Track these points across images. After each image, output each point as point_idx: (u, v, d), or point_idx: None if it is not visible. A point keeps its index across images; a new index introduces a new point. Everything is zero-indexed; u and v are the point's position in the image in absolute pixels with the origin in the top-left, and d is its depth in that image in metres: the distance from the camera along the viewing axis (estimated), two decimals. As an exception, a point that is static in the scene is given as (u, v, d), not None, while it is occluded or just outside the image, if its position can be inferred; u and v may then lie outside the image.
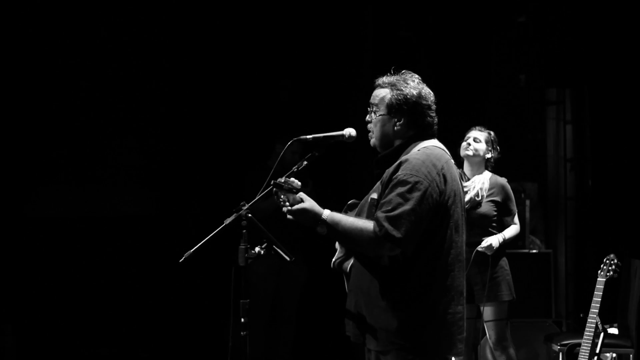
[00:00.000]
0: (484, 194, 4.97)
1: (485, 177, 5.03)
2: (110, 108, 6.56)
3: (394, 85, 3.08)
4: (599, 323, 4.59)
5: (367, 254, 3.01)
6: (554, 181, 7.16)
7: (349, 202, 3.26)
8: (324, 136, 3.20)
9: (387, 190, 2.94)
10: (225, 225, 3.12)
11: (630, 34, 6.36)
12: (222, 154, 6.56)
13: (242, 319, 3.14)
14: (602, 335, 4.60)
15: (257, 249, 3.12)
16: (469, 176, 5.06)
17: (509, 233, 5.00)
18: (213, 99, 6.65)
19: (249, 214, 3.10)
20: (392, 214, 2.86)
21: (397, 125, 3.08)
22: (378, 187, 3.05)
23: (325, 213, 2.99)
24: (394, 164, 2.99)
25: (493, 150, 5.07)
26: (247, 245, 3.11)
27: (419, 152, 3.01)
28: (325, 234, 3.01)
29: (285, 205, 3.01)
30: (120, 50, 6.51)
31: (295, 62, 6.67)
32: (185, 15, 6.55)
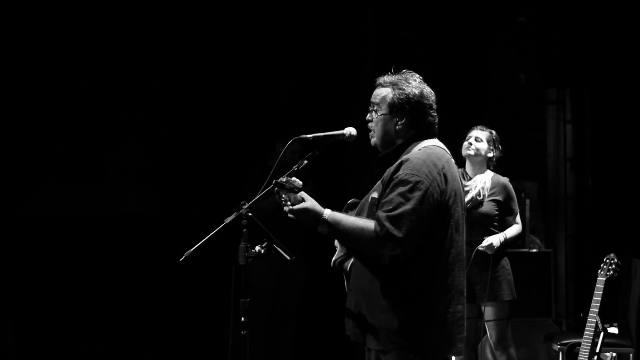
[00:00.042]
0: (485, 193, 4.96)
1: (487, 177, 5.02)
2: (110, 108, 6.57)
3: (395, 85, 3.08)
4: (599, 322, 4.58)
5: (368, 253, 3.00)
6: (554, 181, 7.16)
7: (349, 202, 3.25)
8: (325, 135, 3.20)
9: (388, 190, 2.93)
10: (226, 224, 3.11)
11: (630, 34, 6.36)
12: (222, 153, 6.56)
13: (242, 318, 3.14)
14: (602, 334, 4.60)
15: (258, 248, 3.12)
16: (471, 175, 5.05)
17: (510, 233, 4.99)
18: (213, 98, 6.65)
19: (249, 213, 3.10)
20: (393, 213, 2.86)
21: (399, 125, 3.08)
22: (379, 186, 3.04)
23: (326, 212, 2.99)
24: (395, 164, 2.99)
25: (495, 149, 5.06)
26: (248, 244, 3.11)
27: (420, 152, 3.01)
28: (326, 234, 3.01)
29: (286, 205, 3.01)
30: (121, 50, 6.51)
31: (295, 62, 6.67)
32: (186, 15, 6.54)
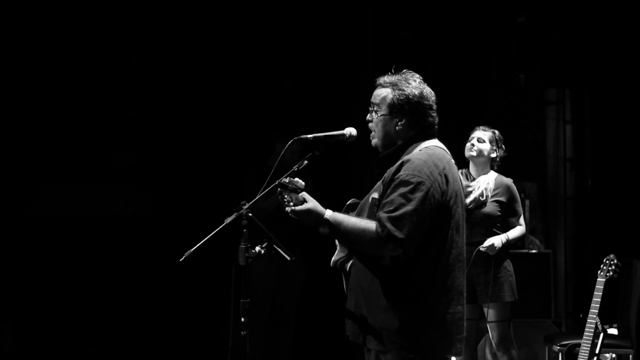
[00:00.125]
0: (488, 194, 4.94)
1: (490, 177, 5.00)
2: (110, 108, 6.56)
3: (395, 85, 3.07)
4: (598, 323, 4.58)
5: (369, 254, 3.00)
6: (553, 181, 7.16)
7: (349, 202, 3.25)
8: (325, 135, 3.20)
9: (389, 191, 2.93)
10: (226, 224, 3.11)
11: (630, 34, 6.36)
12: (222, 153, 6.55)
13: (242, 319, 3.13)
14: (602, 335, 4.59)
15: (258, 249, 3.12)
16: (474, 176, 5.02)
17: (513, 234, 4.96)
18: (213, 99, 6.65)
19: (249, 214, 3.10)
20: (395, 214, 2.86)
21: (399, 125, 3.08)
22: (379, 187, 3.04)
23: (328, 213, 2.99)
24: (395, 164, 2.99)
25: (498, 149, 5.03)
26: (248, 244, 3.11)
27: (421, 153, 3.01)
28: (327, 234, 3.01)
29: (289, 205, 3.01)
30: (120, 50, 6.51)
31: (296, 62, 6.67)
32: (186, 15, 6.54)
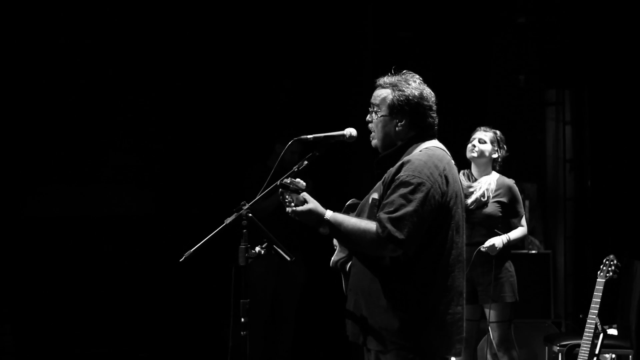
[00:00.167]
0: (489, 195, 4.94)
1: (492, 178, 5.00)
2: (110, 108, 6.56)
3: (395, 86, 3.08)
4: (598, 324, 4.58)
5: (369, 254, 3.00)
6: (553, 182, 7.16)
7: (348, 202, 3.25)
8: (325, 136, 3.20)
9: (390, 191, 2.93)
10: (226, 224, 3.11)
11: (630, 35, 6.36)
12: (222, 153, 6.55)
13: (242, 319, 3.13)
14: (602, 336, 4.59)
15: (258, 249, 3.12)
16: (476, 177, 5.01)
17: (514, 235, 4.96)
18: (213, 99, 6.65)
19: (249, 214, 3.10)
20: (395, 215, 2.86)
21: (399, 126, 3.08)
22: (379, 187, 3.04)
23: (328, 214, 2.99)
24: (396, 165, 2.99)
25: (500, 149, 5.03)
26: (248, 244, 3.11)
27: (421, 153, 3.01)
28: (327, 235, 3.01)
29: (289, 206, 3.01)
30: (120, 50, 6.51)
31: (295, 62, 6.67)
32: (185, 15, 6.54)
